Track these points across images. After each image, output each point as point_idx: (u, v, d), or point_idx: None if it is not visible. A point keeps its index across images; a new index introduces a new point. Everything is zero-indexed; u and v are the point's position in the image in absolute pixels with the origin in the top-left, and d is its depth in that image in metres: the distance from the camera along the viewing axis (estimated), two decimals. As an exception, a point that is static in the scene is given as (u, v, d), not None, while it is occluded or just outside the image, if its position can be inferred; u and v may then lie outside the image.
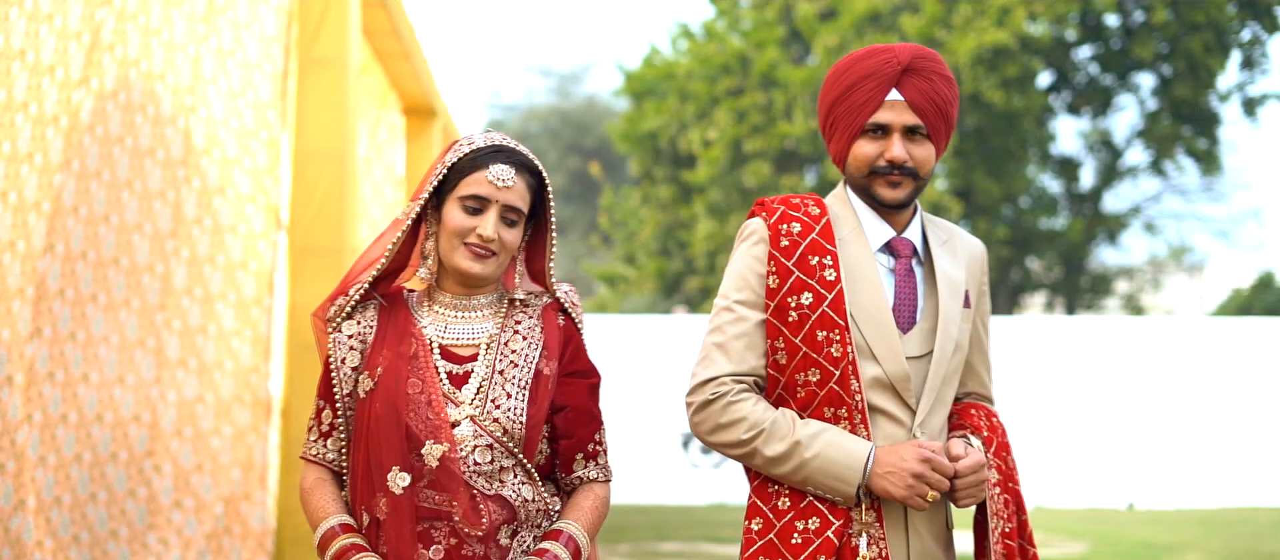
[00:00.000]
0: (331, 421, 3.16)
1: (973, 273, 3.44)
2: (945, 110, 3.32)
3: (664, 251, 28.84)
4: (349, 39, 7.47)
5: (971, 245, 3.48)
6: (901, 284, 3.32)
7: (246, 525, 6.73)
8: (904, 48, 3.33)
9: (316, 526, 3.10)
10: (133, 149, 5.57)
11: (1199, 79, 26.21)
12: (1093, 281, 29.51)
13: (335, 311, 3.16)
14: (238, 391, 6.76)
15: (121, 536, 5.49)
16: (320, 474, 3.17)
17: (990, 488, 3.29)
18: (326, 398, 3.17)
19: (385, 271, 3.20)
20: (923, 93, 3.29)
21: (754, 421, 3.23)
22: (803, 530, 3.21)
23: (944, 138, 3.36)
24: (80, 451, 5.16)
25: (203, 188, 6.36)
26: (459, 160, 3.14)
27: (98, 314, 5.33)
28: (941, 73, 3.32)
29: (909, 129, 3.30)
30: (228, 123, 6.63)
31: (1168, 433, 18.15)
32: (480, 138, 3.18)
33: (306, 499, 3.16)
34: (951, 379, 3.35)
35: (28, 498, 4.55)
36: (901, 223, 3.37)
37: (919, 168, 3.30)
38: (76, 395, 5.12)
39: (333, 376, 3.15)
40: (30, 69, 4.50)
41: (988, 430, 3.34)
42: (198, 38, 6.21)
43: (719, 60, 26.54)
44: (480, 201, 3.13)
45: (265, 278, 7.05)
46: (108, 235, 5.38)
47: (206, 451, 6.36)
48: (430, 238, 3.18)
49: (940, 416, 3.33)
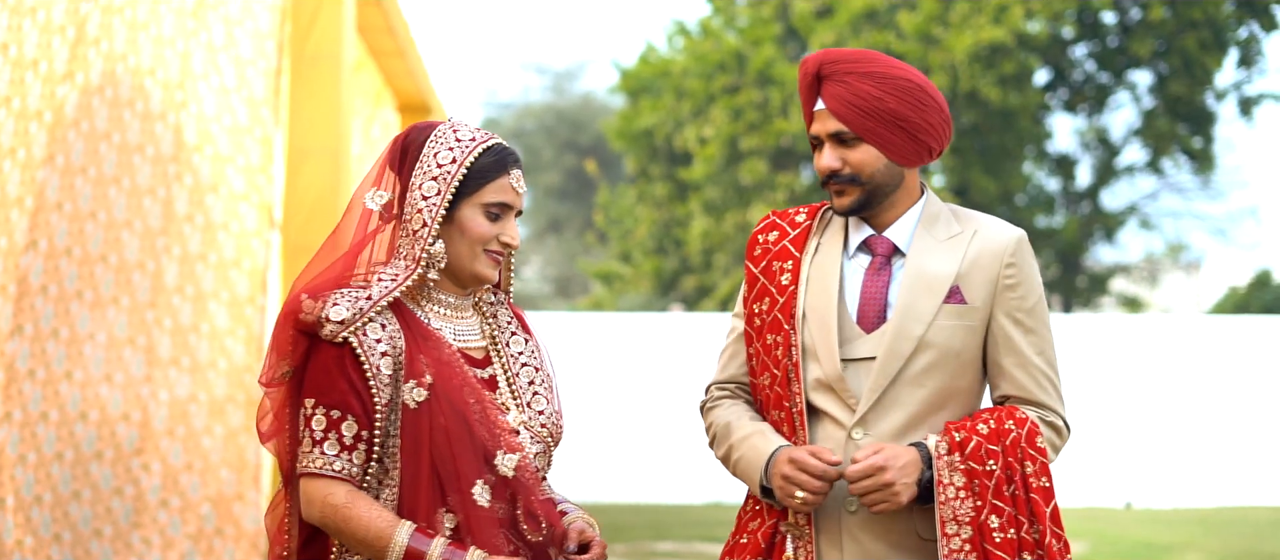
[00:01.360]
0: (356, 434, 2.93)
1: (982, 266, 3.29)
2: (871, 108, 3.24)
3: (660, 249, 28.80)
4: (343, 36, 7.44)
5: (991, 237, 3.32)
6: (868, 283, 3.30)
7: (239, 526, 6.71)
8: (815, 56, 3.33)
9: (377, 537, 2.89)
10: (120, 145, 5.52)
11: (1196, 77, 26.21)
12: (1090, 280, 29.49)
13: (356, 314, 2.95)
14: (230, 391, 6.74)
15: (105, 535, 5.45)
16: (350, 487, 2.93)
17: (948, 491, 3.15)
18: (348, 408, 2.93)
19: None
20: (838, 97, 3.26)
21: (712, 424, 3.43)
22: (750, 530, 3.36)
23: (886, 136, 3.26)
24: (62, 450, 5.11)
25: (194, 184, 6.32)
26: (476, 162, 3.04)
27: (83, 311, 5.27)
28: (858, 71, 3.26)
29: (835, 135, 3.28)
30: (220, 119, 6.59)
31: (1165, 431, 18.12)
32: (479, 134, 3.08)
33: (346, 514, 2.91)
34: (919, 379, 3.24)
35: (6, 496, 4.51)
36: (884, 221, 3.33)
37: (858, 172, 3.26)
38: (58, 393, 5.07)
39: (371, 384, 2.95)
40: (13, 63, 4.46)
41: (981, 434, 3.18)
42: (187, 33, 6.17)
43: (715, 58, 26.49)
44: (504, 209, 3.07)
45: (258, 276, 7.03)
46: (94, 232, 5.33)
47: (197, 451, 6.34)
48: (437, 239, 3.02)
49: (895, 419, 3.24)
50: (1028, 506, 3.18)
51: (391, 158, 3.10)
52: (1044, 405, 3.30)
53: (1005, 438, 3.19)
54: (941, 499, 3.15)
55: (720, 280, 26.61)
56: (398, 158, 3.08)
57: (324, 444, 2.93)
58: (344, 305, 2.95)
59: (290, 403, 3.00)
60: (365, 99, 10.04)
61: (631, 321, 19.42)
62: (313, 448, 2.93)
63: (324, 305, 2.95)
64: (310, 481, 2.94)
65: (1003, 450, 3.18)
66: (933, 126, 3.28)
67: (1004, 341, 3.28)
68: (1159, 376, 18.26)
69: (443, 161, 3.03)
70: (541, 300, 39.17)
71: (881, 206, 3.31)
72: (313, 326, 2.95)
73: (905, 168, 3.31)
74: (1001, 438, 3.19)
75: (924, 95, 3.27)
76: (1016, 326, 3.29)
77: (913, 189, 3.35)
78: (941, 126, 3.30)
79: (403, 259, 3.04)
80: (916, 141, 3.27)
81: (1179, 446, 18.09)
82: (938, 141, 3.31)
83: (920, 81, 3.29)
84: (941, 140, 3.32)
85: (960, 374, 3.28)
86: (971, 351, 3.28)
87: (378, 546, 2.89)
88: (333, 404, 2.92)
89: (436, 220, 3.00)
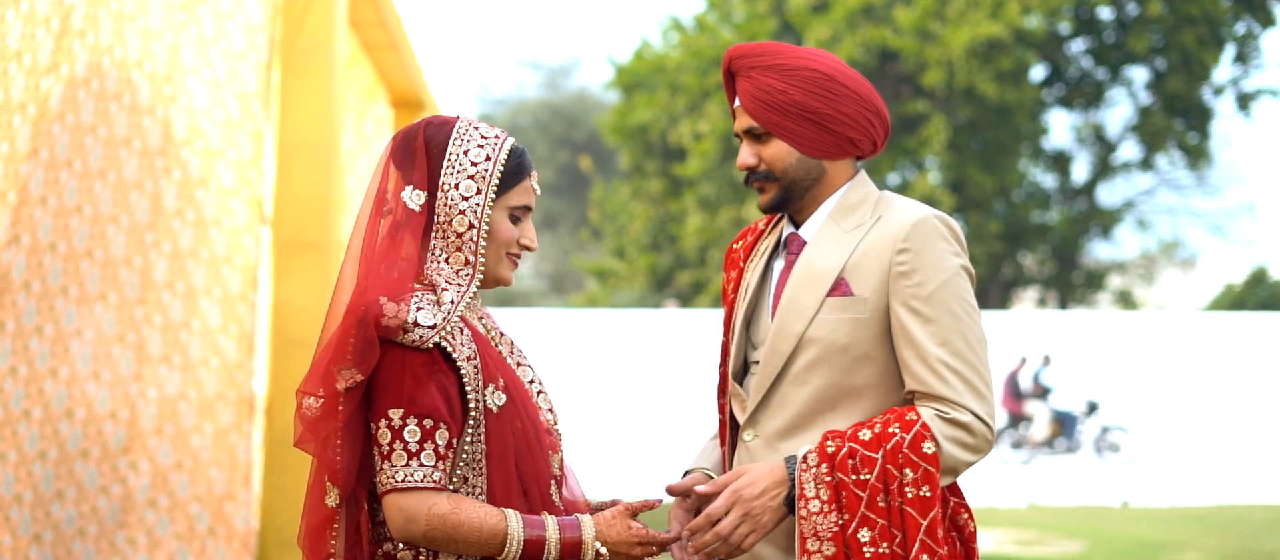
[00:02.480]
0: (448, 441, 2.83)
1: (874, 254, 3.07)
2: (775, 102, 3.11)
3: (654, 245, 28.78)
4: (335, 29, 7.39)
5: (889, 223, 3.10)
6: (780, 283, 3.19)
7: (230, 526, 6.66)
8: (728, 51, 3.24)
9: (492, 533, 2.81)
10: (107, 138, 5.44)
11: (1192, 73, 26.23)
12: (1085, 276, 29.48)
13: (445, 318, 2.84)
14: (222, 389, 6.68)
15: (89, 534, 5.37)
16: (446, 493, 2.83)
17: (811, 505, 2.95)
18: (440, 415, 2.82)
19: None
20: (747, 92, 3.16)
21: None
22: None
23: (793, 129, 3.13)
24: (45, 448, 5.03)
25: (184, 179, 6.25)
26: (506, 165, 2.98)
27: (69, 307, 5.19)
28: (762, 64, 3.15)
29: (748, 131, 3.18)
30: (211, 113, 6.53)
31: (1160, 429, 18.09)
32: (500, 132, 3.00)
33: (456, 519, 2.79)
34: (801, 378, 3.08)
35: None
36: (804, 217, 3.21)
37: (772, 168, 3.15)
38: (42, 391, 4.99)
39: (466, 390, 2.86)
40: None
41: (861, 441, 2.97)
42: (176, 26, 6.10)
43: (710, 53, 26.48)
44: (525, 211, 3.02)
45: (250, 273, 6.97)
46: (80, 227, 5.25)
47: (187, 450, 6.27)
48: (467, 242, 2.94)
49: (780, 420, 3.10)
50: (902, 519, 2.95)
51: (401, 155, 2.99)
52: (946, 400, 3.00)
53: (886, 443, 2.97)
54: (803, 512, 2.97)
55: (715, 276, 26.58)
56: (411, 155, 2.97)
57: (421, 455, 2.81)
58: (428, 309, 2.84)
59: (354, 415, 2.85)
60: (358, 94, 9.98)
61: (626, 318, 19.40)
62: (409, 460, 2.80)
63: (408, 309, 2.83)
64: (406, 496, 2.81)
65: (883, 457, 2.96)
66: (848, 117, 3.13)
67: (901, 333, 3.04)
68: (1155, 374, 18.22)
69: (476, 160, 2.95)
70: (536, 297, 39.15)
71: (803, 202, 3.19)
72: (394, 332, 2.81)
73: (825, 161, 3.16)
74: (882, 443, 2.97)
75: (834, 85, 3.12)
76: (913, 316, 3.03)
77: (837, 182, 3.20)
78: (861, 117, 3.14)
79: (445, 262, 2.94)
80: (830, 134, 3.13)
81: (1175, 444, 18.06)
82: (859, 132, 3.15)
83: (829, 70, 3.13)
84: (863, 130, 3.15)
85: (851, 370, 3.08)
86: (864, 346, 3.06)
87: (493, 543, 2.82)
88: (425, 413, 2.81)
89: (484, 221, 2.93)
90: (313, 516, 2.90)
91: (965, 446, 2.99)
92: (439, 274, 2.92)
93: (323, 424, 2.84)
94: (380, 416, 2.82)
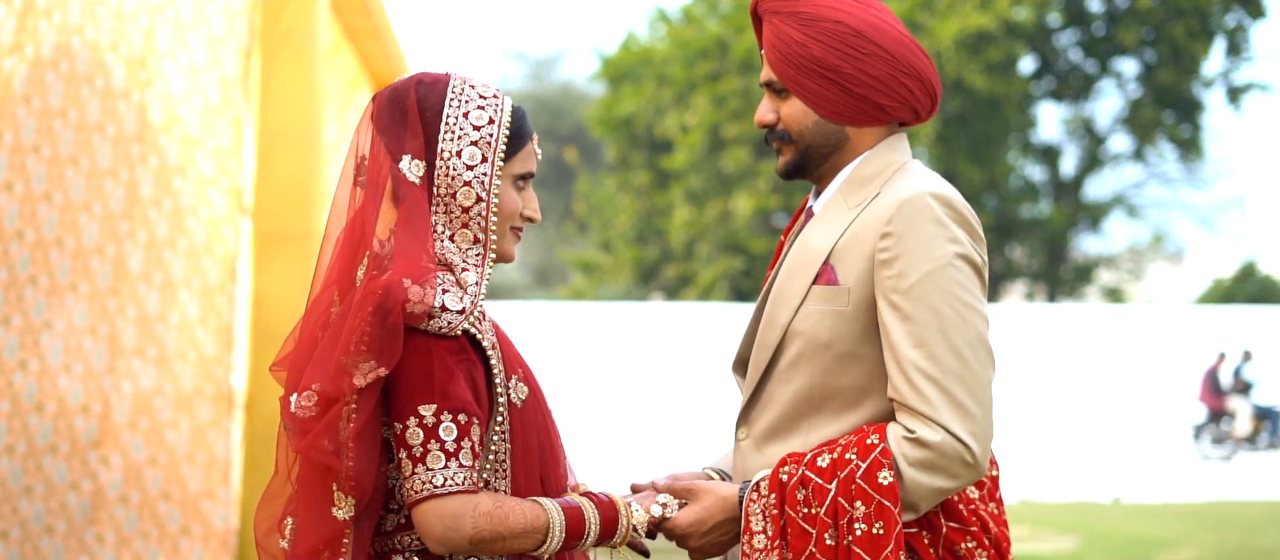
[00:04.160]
0: (480, 437, 2.55)
1: (861, 237, 2.69)
2: (793, 55, 2.74)
3: (641, 238, 28.72)
4: (316, 15, 7.26)
5: (881, 201, 2.70)
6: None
7: (208, 524, 6.51)
8: None
9: (534, 524, 2.56)
10: (77, 123, 5.28)
11: (1182, 65, 26.24)
12: (1074, 270, 29.48)
13: (473, 301, 2.56)
14: (199, 383, 6.53)
15: (57, 531, 5.23)
16: (484, 490, 2.57)
17: (756, 541, 2.65)
18: (472, 409, 2.54)
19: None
20: (769, 42, 2.78)
21: None
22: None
23: (812, 88, 2.75)
24: (13, 442, 4.89)
25: (160, 167, 6.10)
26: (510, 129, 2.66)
27: (38, 298, 5.03)
28: (785, 10, 2.76)
29: (768, 84, 2.80)
30: (189, 100, 6.38)
31: (1150, 424, 18.04)
32: (497, 90, 2.68)
33: (500, 516, 2.53)
34: (787, 375, 2.73)
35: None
36: (822, 189, 2.83)
37: (788, 128, 2.78)
38: (11, 384, 4.85)
39: (495, 380, 2.59)
40: (-44, 34, 4.22)
41: (817, 468, 2.63)
42: (151, 9, 5.94)
43: (697, 45, 26.42)
44: (527, 178, 2.69)
45: (230, 264, 6.83)
46: (49, 214, 5.09)
47: (162, 445, 6.12)
48: (475, 216, 2.62)
49: (766, 419, 2.75)
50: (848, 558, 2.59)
51: (387, 118, 2.65)
52: (917, 414, 2.60)
53: (841, 471, 2.61)
54: (746, 548, 2.66)
55: (702, 269, 26.50)
56: (401, 118, 2.64)
57: (459, 455, 2.51)
58: (454, 292, 2.55)
59: (373, 413, 2.54)
60: (341, 83, 9.85)
61: (612, 311, 19.33)
62: (448, 462, 2.51)
63: (434, 292, 2.52)
64: (447, 502, 2.51)
65: (836, 487, 2.61)
66: (876, 80, 2.72)
67: (882, 332, 2.65)
68: (1144, 368, 18.18)
69: (479, 123, 2.63)
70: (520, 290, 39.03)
71: (823, 170, 2.81)
72: (420, 318, 2.51)
73: (848, 127, 2.77)
74: (837, 471, 2.61)
75: (861, 42, 2.72)
76: (892, 311, 2.63)
77: (861, 152, 2.79)
78: (893, 80, 2.73)
79: (449, 239, 2.62)
80: (852, 96, 2.74)
81: (1165, 439, 18.01)
82: (891, 98, 2.74)
83: (857, 25, 2.73)
84: (897, 96, 2.75)
85: (835, 371, 2.70)
86: (848, 343, 2.68)
87: (537, 535, 2.56)
88: (459, 407, 2.52)
89: (492, 193, 2.61)
90: (316, 533, 2.56)
91: (934, 471, 2.59)
92: (450, 253, 2.61)
93: (332, 426, 2.52)
94: (408, 414, 2.52)
